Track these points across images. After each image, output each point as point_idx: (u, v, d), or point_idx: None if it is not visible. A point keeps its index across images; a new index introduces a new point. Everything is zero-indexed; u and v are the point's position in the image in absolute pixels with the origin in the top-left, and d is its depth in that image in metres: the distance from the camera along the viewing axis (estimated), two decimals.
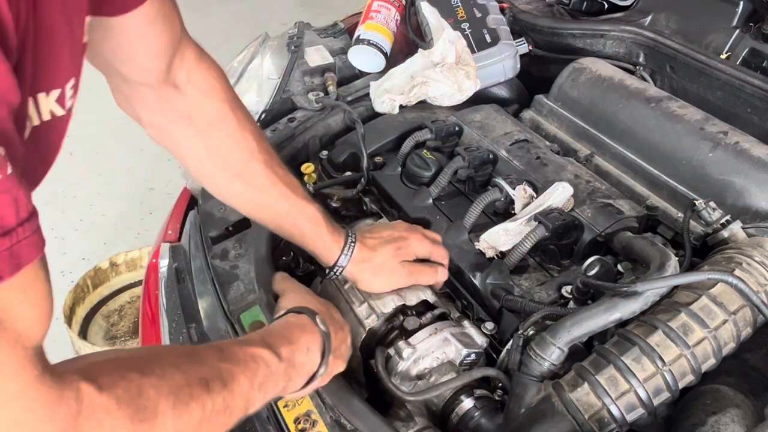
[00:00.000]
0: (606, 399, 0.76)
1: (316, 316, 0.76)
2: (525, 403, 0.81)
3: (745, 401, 0.82)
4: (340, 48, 1.59)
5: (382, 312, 0.96)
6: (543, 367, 0.81)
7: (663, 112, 1.21)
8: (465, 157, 1.14)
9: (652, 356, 0.77)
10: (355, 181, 1.24)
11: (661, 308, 0.83)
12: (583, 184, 1.11)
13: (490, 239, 1.00)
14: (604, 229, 0.99)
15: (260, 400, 0.64)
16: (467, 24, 1.54)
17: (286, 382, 0.69)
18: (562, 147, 1.31)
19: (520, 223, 1.00)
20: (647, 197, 1.17)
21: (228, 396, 0.58)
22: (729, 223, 0.97)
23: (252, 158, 0.87)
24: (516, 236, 0.99)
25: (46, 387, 0.46)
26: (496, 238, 1.00)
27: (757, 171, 1.05)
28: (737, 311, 0.81)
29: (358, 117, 1.29)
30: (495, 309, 0.96)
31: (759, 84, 1.22)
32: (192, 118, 0.84)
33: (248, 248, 1.09)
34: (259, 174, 0.88)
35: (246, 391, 0.61)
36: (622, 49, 1.50)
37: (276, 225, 0.95)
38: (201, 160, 0.87)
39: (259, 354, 0.64)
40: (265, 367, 0.64)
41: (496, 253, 1.01)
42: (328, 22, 1.72)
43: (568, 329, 0.81)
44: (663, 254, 0.86)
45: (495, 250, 1.01)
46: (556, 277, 0.99)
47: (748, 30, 1.46)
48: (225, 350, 0.62)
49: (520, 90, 1.56)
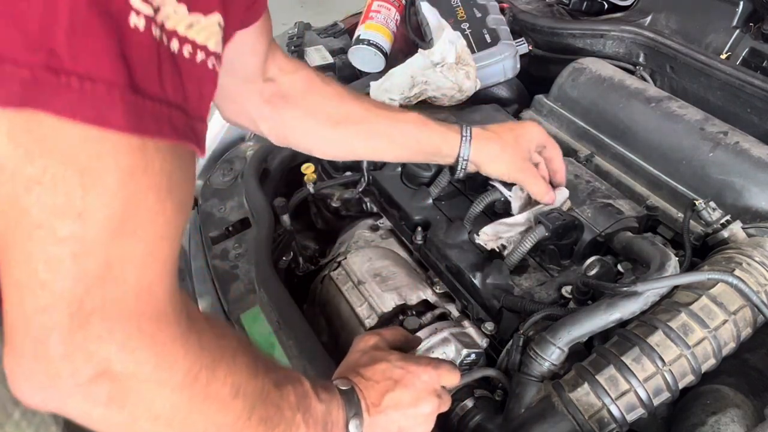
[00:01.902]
0: (606, 399, 0.76)
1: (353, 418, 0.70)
2: (525, 403, 0.81)
3: (745, 401, 0.82)
4: (340, 48, 1.59)
5: (382, 312, 0.96)
6: (543, 367, 0.81)
7: (663, 112, 1.21)
8: None
9: (652, 356, 0.77)
10: (355, 181, 1.24)
11: (661, 308, 0.83)
12: (583, 184, 1.11)
13: (490, 231, 1.00)
14: (604, 229, 0.99)
15: None
16: (467, 24, 1.54)
17: None
18: (562, 147, 1.30)
19: (520, 219, 1.00)
20: (647, 197, 1.17)
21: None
22: (729, 223, 0.97)
23: (343, 102, 0.95)
24: (515, 227, 0.99)
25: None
26: (495, 230, 1.00)
27: (757, 171, 1.05)
28: (737, 311, 0.81)
29: None
30: (495, 309, 0.96)
31: (759, 84, 1.22)
32: (289, 96, 0.93)
33: (248, 248, 1.10)
34: (355, 111, 0.96)
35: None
36: (622, 49, 1.50)
37: (390, 148, 0.99)
38: (308, 126, 0.95)
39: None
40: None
41: (497, 246, 1.01)
42: (328, 22, 1.72)
43: (568, 329, 0.81)
44: (663, 254, 0.86)
45: (496, 242, 1.01)
46: (556, 277, 0.99)
47: (748, 30, 1.46)
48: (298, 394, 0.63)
49: (520, 90, 1.56)
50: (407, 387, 0.73)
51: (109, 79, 0.39)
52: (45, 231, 0.40)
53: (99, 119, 0.39)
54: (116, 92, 0.39)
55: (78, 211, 0.41)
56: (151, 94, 0.41)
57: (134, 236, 0.43)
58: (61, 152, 0.40)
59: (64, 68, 0.38)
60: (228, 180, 1.31)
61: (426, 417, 0.74)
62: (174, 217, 0.46)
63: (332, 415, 0.67)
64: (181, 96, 0.44)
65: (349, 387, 0.70)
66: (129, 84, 0.40)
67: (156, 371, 0.47)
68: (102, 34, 0.38)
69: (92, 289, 0.42)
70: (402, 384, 0.73)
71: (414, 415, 0.73)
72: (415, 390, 0.73)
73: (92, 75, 0.38)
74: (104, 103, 0.39)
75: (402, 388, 0.72)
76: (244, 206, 1.22)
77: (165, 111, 0.42)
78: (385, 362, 0.75)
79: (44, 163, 0.39)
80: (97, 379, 0.44)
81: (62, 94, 0.38)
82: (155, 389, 0.48)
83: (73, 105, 0.38)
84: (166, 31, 0.42)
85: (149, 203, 0.44)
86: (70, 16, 0.37)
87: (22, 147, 0.39)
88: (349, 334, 0.97)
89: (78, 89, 0.38)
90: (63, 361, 0.43)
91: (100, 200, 0.41)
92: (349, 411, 0.68)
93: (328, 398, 0.67)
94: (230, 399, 0.54)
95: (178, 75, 0.43)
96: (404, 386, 0.73)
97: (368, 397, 0.71)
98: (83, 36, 0.38)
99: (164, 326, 0.47)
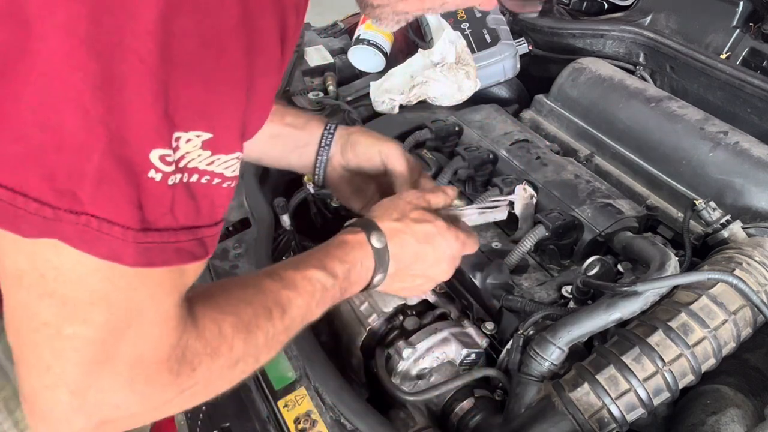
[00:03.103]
0: (606, 399, 0.76)
1: (373, 232, 0.77)
2: (525, 403, 0.81)
3: (745, 401, 0.82)
4: (340, 48, 1.59)
5: (382, 311, 0.96)
6: (543, 367, 0.81)
7: (663, 112, 1.21)
8: (465, 157, 1.14)
9: (652, 356, 0.77)
10: None
11: (661, 308, 0.83)
12: (583, 184, 1.11)
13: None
14: (604, 229, 0.99)
15: (318, 313, 0.72)
16: (467, 24, 1.54)
17: (343, 293, 0.75)
18: (562, 147, 1.31)
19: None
20: (647, 197, 1.17)
21: (287, 319, 0.66)
22: (729, 223, 0.97)
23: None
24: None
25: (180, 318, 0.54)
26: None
27: (757, 171, 1.05)
28: (737, 311, 0.81)
29: (358, 117, 1.29)
30: (495, 309, 0.96)
31: (759, 84, 1.22)
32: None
33: (248, 248, 1.09)
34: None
35: (304, 311, 0.69)
36: (622, 49, 1.50)
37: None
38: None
39: (315, 277, 0.70)
40: (321, 288, 0.70)
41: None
42: (328, 22, 1.72)
43: (568, 329, 0.81)
44: (663, 254, 0.86)
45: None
46: (556, 277, 0.99)
47: (748, 30, 1.46)
48: (285, 278, 0.68)
49: (520, 90, 1.56)
50: (435, 248, 0.81)
51: (125, 223, 0.44)
52: (52, 329, 0.47)
53: (112, 256, 0.45)
54: (130, 235, 0.45)
55: (83, 318, 0.47)
56: (160, 227, 0.47)
57: (130, 329, 0.49)
58: (74, 279, 0.45)
59: (85, 211, 0.43)
60: None
61: (434, 279, 0.85)
62: (172, 309, 0.52)
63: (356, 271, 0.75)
64: (193, 215, 0.50)
65: (383, 245, 0.76)
66: (141, 226, 0.45)
67: (149, 409, 0.54)
68: (122, 184, 0.43)
69: (91, 371, 0.49)
70: (431, 244, 0.80)
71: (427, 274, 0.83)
72: (440, 252, 0.81)
73: (110, 219, 0.44)
74: (118, 243, 0.44)
75: (430, 247, 0.80)
76: (244, 206, 1.22)
77: (172, 238, 0.48)
78: (430, 224, 0.80)
79: (57, 286, 0.45)
80: (100, 425, 0.52)
81: (81, 232, 0.43)
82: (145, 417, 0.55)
83: (90, 242, 0.44)
84: (187, 170, 0.47)
85: (148, 305, 0.50)
86: (98, 171, 0.42)
87: (38, 270, 0.45)
88: (350, 334, 0.97)
89: (96, 229, 0.43)
90: (65, 423, 0.51)
91: (105, 311, 0.47)
92: (378, 268, 0.76)
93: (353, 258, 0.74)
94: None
95: (192, 199, 0.49)
96: (433, 246, 0.81)
97: (399, 254, 0.78)
98: (106, 186, 0.43)
99: (156, 382, 0.52)
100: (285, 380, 0.91)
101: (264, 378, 0.93)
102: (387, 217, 0.80)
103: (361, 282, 0.77)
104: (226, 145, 0.50)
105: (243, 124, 0.51)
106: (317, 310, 0.71)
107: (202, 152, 0.48)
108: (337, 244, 0.76)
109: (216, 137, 0.48)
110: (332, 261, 0.73)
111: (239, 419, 0.92)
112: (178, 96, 0.44)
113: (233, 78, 0.48)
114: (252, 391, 0.94)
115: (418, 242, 0.80)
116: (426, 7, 0.65)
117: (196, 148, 0.47)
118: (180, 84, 0.44)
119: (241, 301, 0.62)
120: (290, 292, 0.67)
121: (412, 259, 0.80)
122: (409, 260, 0.80)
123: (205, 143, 0.47)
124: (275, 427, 0.87)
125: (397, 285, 0.82)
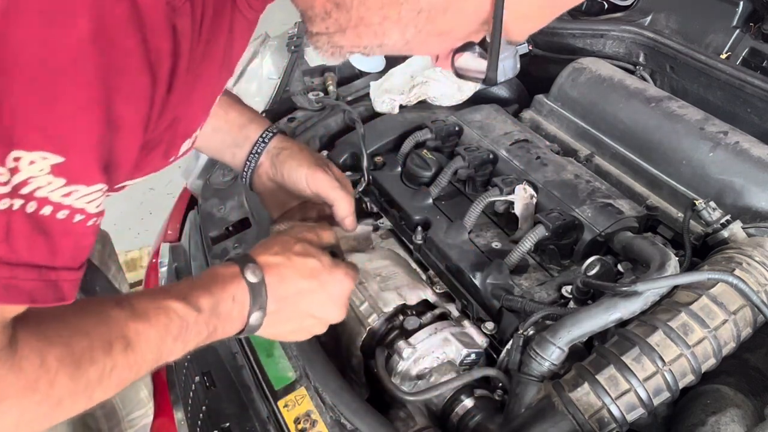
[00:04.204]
0: (606, 399, 0.76)
1: (248, 265, 0.73)
2: (525, 403, 0.81)
3: (745, 401, 0.82)
4: None
5: (382, 311, 0.96)
6: (543, 366, 0.81)
7: (663, 112, 1.21)
8: (465, 157, 1.14)
9: (652, 356, 0.77)
10: (355, 181, 1.24)
11: (661, 308, 0.83)
12: (583, 184, 1.11)
13: None
14: (604, 229, 0.99)
15: (180, 350, 0.67)
16: None
17: (212, 331, 0.70)
18: (562, 147, 1.31)
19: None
20: (647, 197, 1.17)
21: (132, 354, 0.60)
22: (729, 223, 0.97)
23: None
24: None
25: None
26: None
27: (757, 171, 1.05)
28: (737, 311, 0.81)
29: (358, 117, 1.29)
30: (495, 309, 0.96)
31: (759, 84, 1.22)
32: None
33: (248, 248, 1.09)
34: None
35: (156, 346, 0.63)
36: (622, 49, 1.50)
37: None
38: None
39: (173, 308, 0.65)
40: (180, 321, 0.65)
41: None
42: None
43: (568, 329, 0.81)
44: (663, 254, 0.86)
45: None
46: (556, 277, 0.99)
47: (748, 30, 1.46)
48: (135, 307, 0.63)
49: (520, 90, 1.56)
50: (322, 285, 0.78)
51: None
52: None
53: None
54: None
55: None
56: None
57: None
58: None
59: None
60: (228, 180, 1.31)
61: (326, 319, 0.81)
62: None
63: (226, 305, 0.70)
64: (45, 253, 0.47)
65: (259, 279, 0.73)
66: None
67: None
68: None
69: None
70: (317, 279, 0.77)
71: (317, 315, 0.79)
72: (330, 290, 0.78)
73: None
74: None
75: (316, 282, 0.77)
76: (244, 206, 1.22)
77: (5, 273, 0.45)
78: (314, 259, 0.78)
79: None
80: None
81: None
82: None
83: None
84: (34, 198, 0.44)
85: None
86: None
87: None
88: (350, 334, 0.97)
89: None
90: None
91: None
92: (254, 305, 0.72)
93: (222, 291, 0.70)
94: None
95: (41, 234, 0.46)
96: (319, 282, 0.77)
97: (279, 290, 0.74)
98: None
99: None
100: (285, 380, 0.91)
101: (264, 378, 0.93)
102: (266, 252, 0.76)
103: (236, 319, 0.72)
104: (84, 175, 0.46)
105: (106, 152, 0.47)
106: (176, 346, 0.65)
107: (54, 179, 0.44)
108: (206, 277, 0.71)
109: (69, 162, 0.44)
110: (196, 293, 0.68)
111: (239, 419, 0.92)
112: (15, 109, 0.40)
113: (82, 97, 0.43)
114: (252, 391, 0.94)
115: (302, 277, 0.76)
116: (363, 44, 0.60)
117: (42, 173, 0.43)
118: (17, 96, 0.40)
119: (76, 330, 0.57)
120: (139, 323, 0.61)
121: (296, 295, 0.76)
122: (292, 297, 0.75)
123: (55, 168, 0.44)
124: (275, 427, 0.87)
125: (283, 327, 0.78)
